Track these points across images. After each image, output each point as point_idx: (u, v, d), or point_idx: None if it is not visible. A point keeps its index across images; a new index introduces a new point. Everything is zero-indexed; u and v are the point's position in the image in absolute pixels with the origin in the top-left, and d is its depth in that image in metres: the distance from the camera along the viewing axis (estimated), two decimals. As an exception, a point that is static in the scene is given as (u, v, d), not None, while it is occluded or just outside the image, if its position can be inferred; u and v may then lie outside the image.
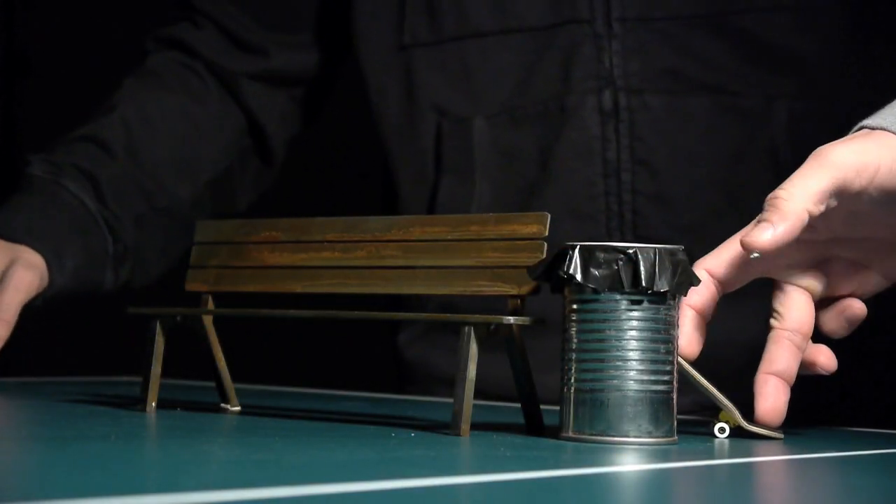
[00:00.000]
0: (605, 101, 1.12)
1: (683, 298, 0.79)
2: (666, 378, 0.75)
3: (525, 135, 1.15)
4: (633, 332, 0.74)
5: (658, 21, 1.11)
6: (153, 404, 0.86)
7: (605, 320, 0.74)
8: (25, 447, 0.66)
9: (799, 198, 0.79)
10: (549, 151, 1.14)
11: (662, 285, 0.73)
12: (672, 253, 0.75)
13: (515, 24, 1.16)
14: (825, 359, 0.85)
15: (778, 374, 0.83)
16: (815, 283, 0.85)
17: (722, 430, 0.82)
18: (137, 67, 1.31)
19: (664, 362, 0.74)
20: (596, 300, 0.74)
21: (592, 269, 0.74)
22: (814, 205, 0.80)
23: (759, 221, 0.79)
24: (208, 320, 0.89)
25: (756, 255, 0.79)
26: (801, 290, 0.85)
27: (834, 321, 0.86)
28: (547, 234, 0.78)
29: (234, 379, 0.90)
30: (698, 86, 1.11)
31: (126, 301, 1.22)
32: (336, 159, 2.00)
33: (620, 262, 0.74)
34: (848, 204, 0.82)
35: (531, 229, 0.78)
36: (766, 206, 0.80)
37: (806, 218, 0.79)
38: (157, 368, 0.87)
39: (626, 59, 1.11)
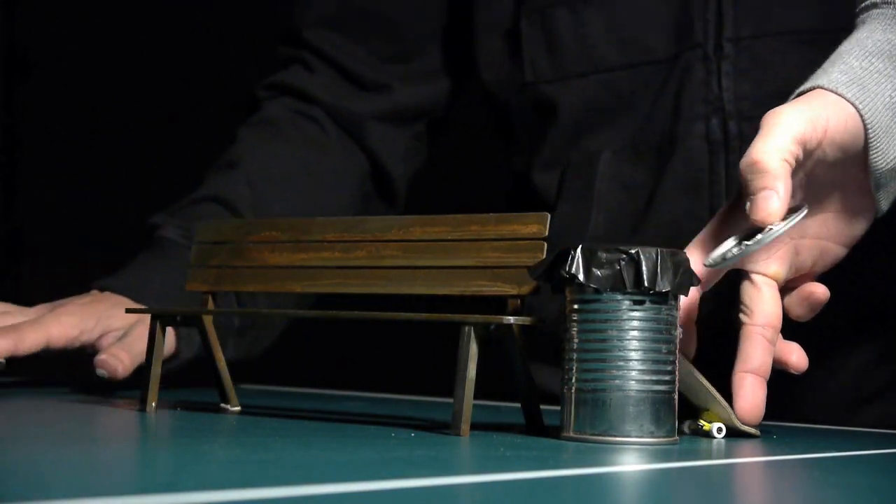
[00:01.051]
0: (712, 129, 1.06)
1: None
2: (667, 378, 0.74)
3: (643, 167, 1.11)
4: (635, 333, 0.74)
5: (772, 37, 1.05)
6: (153, 404, 0.86)
7: (606, 320, 0.74)
8: (25, 447, 0.66)
9: (775, 153, 0.79)
10: (657, 183, 1.09)
11: (664, 285, 0.73)
12: (673, 254, 0.75)
13: (643, 58, 1.11)
14: (796, 358, 0.86)
15: (754, 372, 0.83)
16: (781, 270, 0.86)
17: (720, 429, 0.82)
18: (252, 117, 1.27)
19: (666, 362, 0.74)
20: (598, 300, 0.74)
21: (594, 270, 0.74)
22: (790, 154, 0.79)
23: (750, 193, 0.79)
24: (208, 320, 0.88)
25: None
26: (768, 281, 0.85)
27: (798, 307, 0.87)
28: (547, 234, 0.77)
29: (234, 379, 0.90)
30: None
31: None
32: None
33: (622, 263, 0.73)
34: (806, 165, 0.81)
35: (531, 229, 0.78)
36: (747, 174, 0.79)
37: (790, 169, 0.79)
38: (157, 368, 0.87)
39: (736, 82, 1.06)
